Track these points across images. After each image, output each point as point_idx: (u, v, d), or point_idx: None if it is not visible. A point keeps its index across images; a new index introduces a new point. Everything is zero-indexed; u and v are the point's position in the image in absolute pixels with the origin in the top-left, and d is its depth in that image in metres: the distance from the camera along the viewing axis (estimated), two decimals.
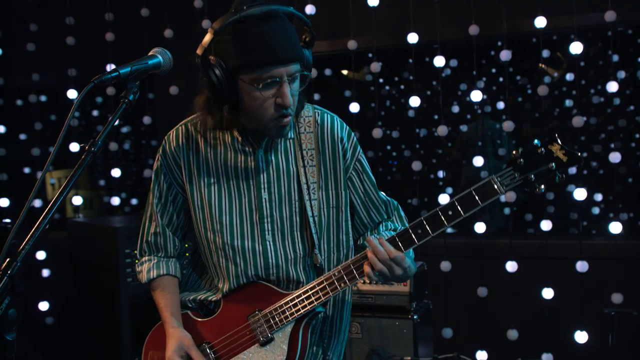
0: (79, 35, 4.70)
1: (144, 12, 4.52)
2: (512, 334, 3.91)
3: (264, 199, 1.97)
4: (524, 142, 1.81)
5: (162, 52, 1.76)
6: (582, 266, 3.76)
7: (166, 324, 2.03)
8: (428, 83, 5.81)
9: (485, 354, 4.06)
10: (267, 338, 1.95)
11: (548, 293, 3.89)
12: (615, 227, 3.81)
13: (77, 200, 4.77)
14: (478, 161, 4.03)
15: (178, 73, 1.85)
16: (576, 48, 3.77)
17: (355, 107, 4.23)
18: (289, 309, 1.92)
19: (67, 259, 4.23)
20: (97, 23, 4.60)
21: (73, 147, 4.70)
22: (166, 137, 2.05)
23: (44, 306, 4.81)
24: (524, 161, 1.76)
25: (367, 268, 1.83)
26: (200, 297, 2.08)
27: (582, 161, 1.74)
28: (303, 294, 1.91)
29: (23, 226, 1.37)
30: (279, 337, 1.95)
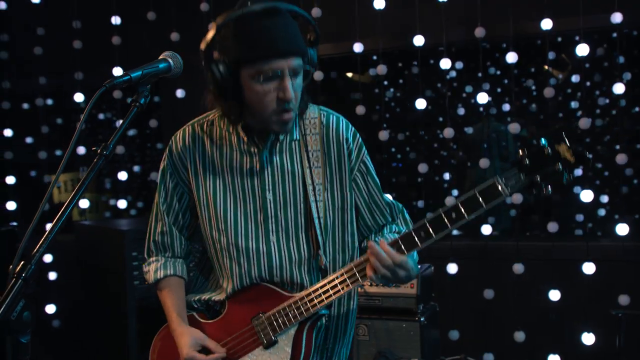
0: (86, 38, 4.72)
1: (150, 16, 4.53)
2: (519, 336, 3.91)
3: (269, 200, 1.98)
4: (530, 143, 1.74)
5: (173, 56, 1.77)
6: (589, 268, 3.76)
7: (173, 324, 2.05)
8: (432, 85, 5.82)
9: (491, 356, 4.06)
10: (271, 341, 1.95)
11: (555, 295, 3.89)
12: (622, 229, 3.80)
13: (84, 203, 4.79)
14: (484, 163, 4.03)
15: (184, 76, 1.86)
16: (582, 50, 3.78)
17: (361, 110, 4.23)
18: (292, 312, 1.92)
19: (74, 262, 4.24)
20: (104, 26, 4.62)
21: (79, 150, 4.73)
22: (173, 138, 2.07)
23: (51, 309, 4.83)
24: (530, 162, 1.68)
25: (370, 272, 1.82)
26: (204, 297, 2.09)
27: (590, 162, 1.66)
28: (306, 297, 1.91)
29: (27, 229, 1.38)
30: (283, 340, 1.95)
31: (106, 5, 4.61)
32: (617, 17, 3.69)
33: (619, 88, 3.73)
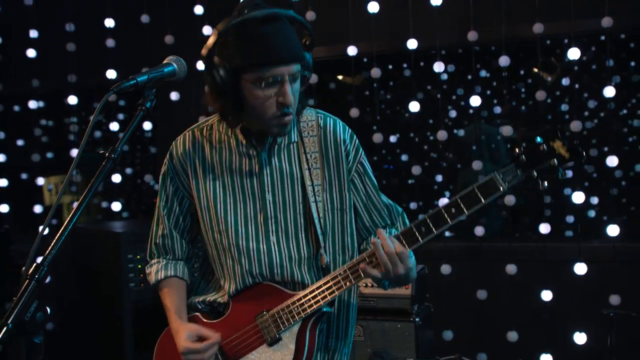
0: (79, 41, 4.72)
1: (145, 19, 4.54)
2: (512, 336, 3.95)
3: (268, 201, 2.01)
4: (525, 141, 1.81)
5: (177, 60, 1.81)
6: (581, 268, 3.81)
7: (172, 322, 2.07)
8: (423, 88, 5.85)
9: (485, 356, 4.10)
10: (275, 338, 1.97)
11: (547, 295, 3.93)
12: (612, 230, 3.85)
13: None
14: (477, 165, 4.08)
15: None
16: (574, 53, 3.83)
17: (355, 112, 4.26)
18: (296, 309, 1.95)
19: (69, 264, 4.23)
20: (98, 29, 4.62)
21: (73, 153, 4.72)
22: (173, 143, 2.11)
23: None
24: (527, 158, 1.77)
25: (369, 268, 1.86)
26: (209, 299, 2.11)
27: (584, 157, 1.74)
28: (309, 294, 1.94)
29: (22, 231, 1.41)
30: (287, 337, 1.97)
31: (100, 8, 4.61)
32: (608, 22, 3.74)
33: (609, 91, 3.78)
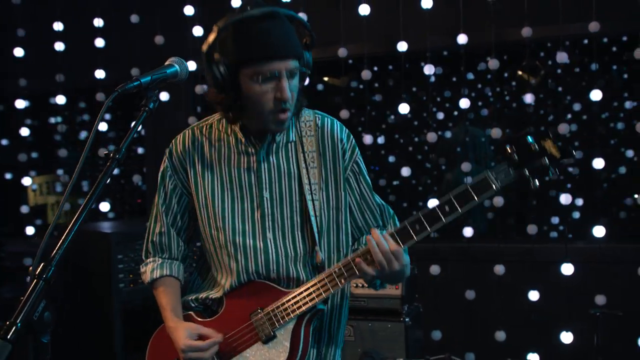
0: (68, 40, 4.69)
1: (134, 19, 4.52)
2: (500, 336, 3.99)
3: (265, 198, 2.03)
4: (517, 140, 1.84)
5: (179, 62, 1.83)
6: (567, 269, 3.86)
7: (167, 321, 2.07)
8: (410, 90, 5.90)
9: (472, 356, 4.14)
10: (270, 335, 1.99)
11: (534, 295, 3.99)
12: (598, 231, 3.91)
13: (66, 205, 4.76)
14: (466, 167, 4.12)
15: None
16: (561, 57, 3.89)
17: (345, 114, 4.28)
18: (291, 306, 1.97)
19: (59, 265, 4.20)
20: (87, 29, 4.60)
21: (61, 153, 4.70)
22: (173, 141, 2.13)
23: None
24: (519, 157, 1.79)
25: (364, 264, 1.88)
26: (201, 296, 2.12)
27: (574, 156, 1.78)
28: (304, 291, 1.96)
29: (10, 233, 1.41)
30: (281, 334, 1.98)
31: (89, 7, 4.58)
32: (595, 27, 3.79)
33: (596, 95, 3.84)
